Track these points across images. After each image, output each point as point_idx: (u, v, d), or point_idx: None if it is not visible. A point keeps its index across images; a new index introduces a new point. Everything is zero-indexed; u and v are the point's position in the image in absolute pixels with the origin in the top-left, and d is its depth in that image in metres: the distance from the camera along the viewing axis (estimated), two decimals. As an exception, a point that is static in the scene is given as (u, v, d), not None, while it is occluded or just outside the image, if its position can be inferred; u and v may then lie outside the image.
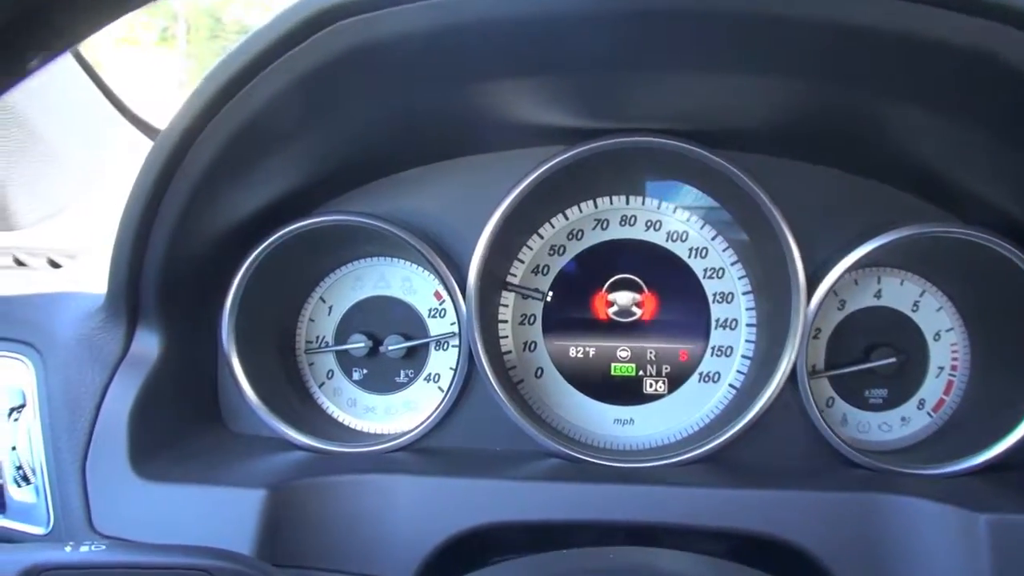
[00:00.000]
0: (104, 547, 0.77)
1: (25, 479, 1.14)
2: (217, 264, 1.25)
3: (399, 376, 1.43)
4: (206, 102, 0.95)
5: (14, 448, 1.14)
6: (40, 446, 1.14)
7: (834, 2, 0.83)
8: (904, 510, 1.10)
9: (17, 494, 1.15)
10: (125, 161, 1.69)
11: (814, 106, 1.10)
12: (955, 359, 1.37)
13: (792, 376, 1.26)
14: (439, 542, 1.11)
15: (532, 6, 0.88)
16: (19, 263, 1.52)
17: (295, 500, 1.12)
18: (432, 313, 1.42)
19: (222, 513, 1.10)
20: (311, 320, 1.44)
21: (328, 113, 1.06)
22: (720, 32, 0.91)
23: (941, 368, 1.38)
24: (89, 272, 1.31)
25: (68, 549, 0.75)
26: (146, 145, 1.77)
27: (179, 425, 1.25)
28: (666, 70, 1.04)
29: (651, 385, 1.41)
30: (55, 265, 1.50)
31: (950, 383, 1.38)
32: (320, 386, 1.45)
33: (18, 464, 1.13)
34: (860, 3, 0.83)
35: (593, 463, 1.26)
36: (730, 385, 1.39)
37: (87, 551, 0.75)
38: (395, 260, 1.42)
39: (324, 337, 1.44)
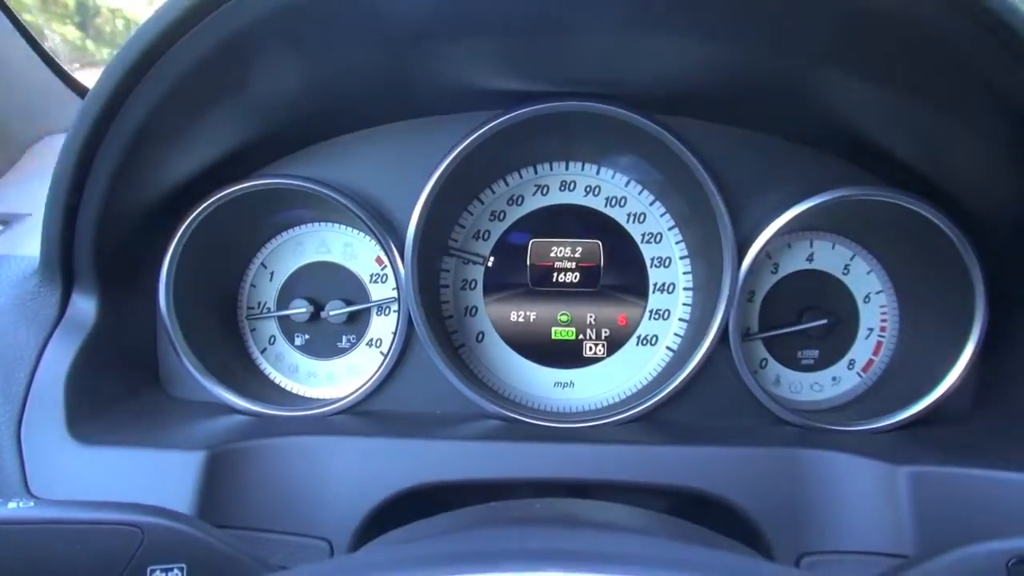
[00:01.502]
0: (33, 503, 0.76)
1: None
2: (154, 228, 1.24)
3: (341, 341, 1.44)
4: (134, 62, 0.93)
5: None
6: (-29, 410, 1.13)
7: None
8: (829, 464, 1.14)
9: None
10: (63, 127, 1.66)
11: (745, 71, 1.11)
12: (884, 321, 1.42)
13: (724, 338, 1.29)
14: (378, 502, 1.12)
15: None
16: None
17: (234, 463, 1.12)
18: (373, 278, 1.42)
19: (160, 476, 1.10)
20: (252, 286, 1.44)
21: (259, 75, 1.05)
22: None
23: (871, 329, 1.42)
24: (25, 237, 1.30)
25: (9, 507, 0.74)
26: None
27: (117, 389, 1.24)
28: (600, 32, 1.04)
29: (591, 349, 1.44)
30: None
31: (879, 344, 1.42)
32: (262, 352, 1.45)
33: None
34: None
35: (533, 424, 1.28)
36: (667, 348, 1.42)
37: (15, 507, 0.75)
38: (336, 226, 1.42)
39: (266, 303, 1.44)
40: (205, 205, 1.26)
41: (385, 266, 1.41)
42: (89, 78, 1.85)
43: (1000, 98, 0.94)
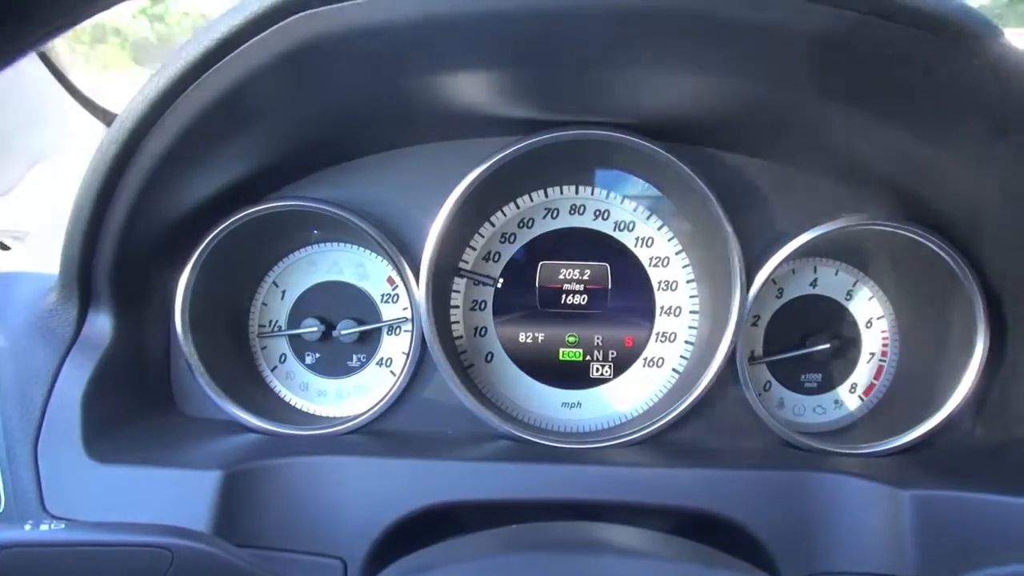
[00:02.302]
0: (64, 525, 0.78)
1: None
2: (171, 248, 1.26)
3: (351, 360, 1.45)
4: (163, 90, 0.96)
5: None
6: (-10, 428, 1.14)
7: (756, 4, 0.88)
8: (834, 487, 1.16)
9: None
10: (75, 143, 1.68)
11: (748, 103, 1.15)
12: (885, 345, 1.44)
13: (731, 361, 1.32)
14: (390, 522, 1.14)
15: (491, 4, 0.91)
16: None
17: (249, 482, 1.14)
18: (385, 298, 1.44)
19: (176, 495, 1.12)
20: (264, 304, 1.45)
21: (284, 103, 1.08)
22: (659, 32, 0.95)
23: (872, 354, 1.45)
24: (39, 254, 1.31)
25: (27, 528, 0.76)
26: (95, 127, 1.76)
27: (132, 408, 1.26)
28: (615, 68, 1.07)
29: (598, 370, 1.46)
30: (3, 247, 1.48)
31: (880, 368, 1.45)
32: (273, 370, 1.46)
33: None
34: (780, 8, 0.88)
35: (541, 444, 1.30)
36: (673, 370, 1.44)
37: (47, 530, 0.76)
38: (348, 246, 1.44)
39: (277, 321, 1.45)
40: (223, 227, 1.28)
41: (396, 286, 1.43)
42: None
43: (986, 121, 0.97)
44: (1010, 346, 1.28)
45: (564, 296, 1.44)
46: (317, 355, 1.46)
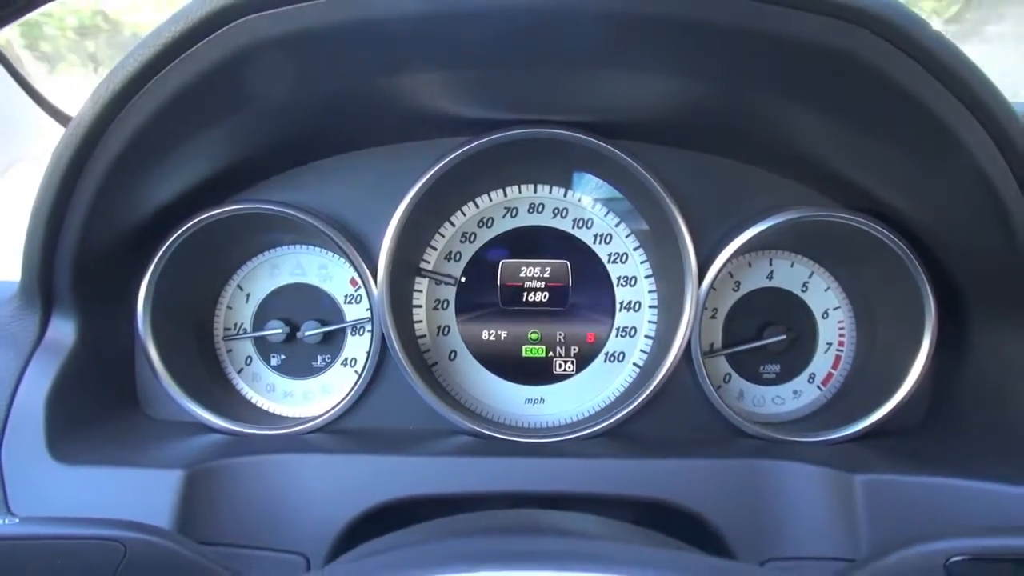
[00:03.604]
0: (18, 520, 0.79)
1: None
2: (132, 251, 1.27)
3: (316, 361, 1.47)
4: (115, 93, 0.98)
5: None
6: (-45, 432, 1.15)
7: (699, 3, 0.90)
8: (788, 474, 1.19)
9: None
10: (39, 150, 1.69)
11: (703, 102, 1.18)
12: (842, 335, 1.47)
13: (688, 354, 1.35)
14: (352, 517, 1.16)
15: (436, 4, 0.93)
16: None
17: (211, 481, 1.15)
18: (348, 299, 1.46)
19: (139, 494, 1.13)
20: (229, 307, 1.47)
21: (238, 105, 1.10)
22: (609, 34, 0.98)
23: (829, 344, 1.48)
24: (4, 262, 1.32)
25: None
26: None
27: (96, 410, 1.27)
28: (564, 68, 1.10)
29: (560, 366, 1.48)
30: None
31: (837, 358, 1.47)
32: (239, 372, 1.48)
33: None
34: (726, 6, 0.91)
35: (502, 440, 1.32)
36: (634, 364, 1.46)
37: (14, 524, 0.77)
38: (311, 248, 1.45)
39: (242, 324, 1.47)
40: (183, 229, 1.29)
41: (359, 287, 1.45)
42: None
43: (930, 123, 1.00)
44: (956, 338, 1.31)
45: (525, 294, 1.47)
46: (282, 357, 1.47)
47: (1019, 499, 1.09)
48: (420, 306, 1.45)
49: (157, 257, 1.30)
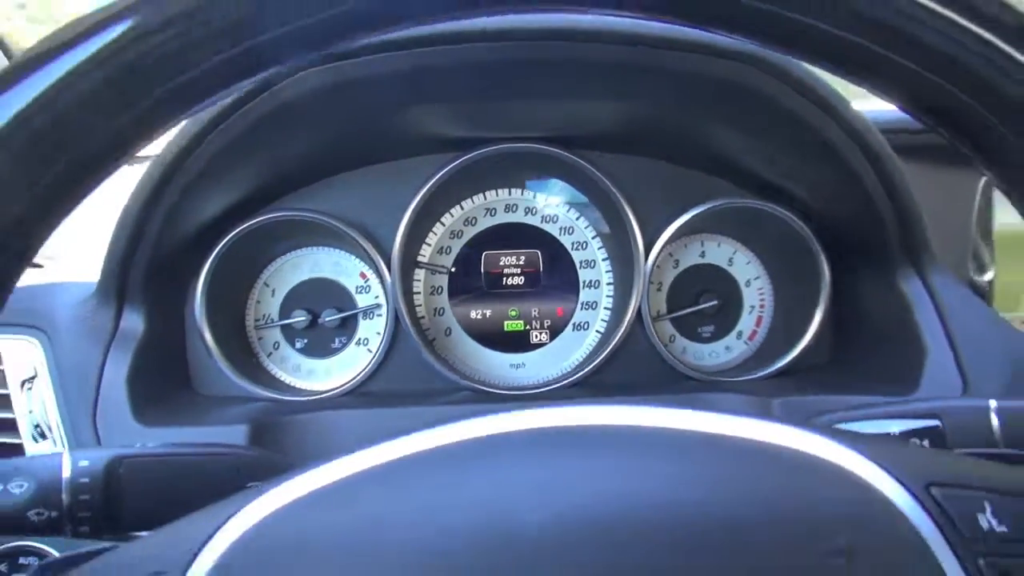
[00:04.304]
0: (170, 444, 1.06)
1: (42, 435, 1.41)
2: (190, 254, 1.54)
3: (334, 343, 1.76)
4: (199, 130, 1.27)
5: (31, 412, 1.42)
6: (54, 408, 1.40)
7: (619, 50, 1.25)
8: (721, 402, 1.50)
9: (34, 448, 1.42)
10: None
11: (643, 119, 1.50)
12: (762, 300, 1.81)
13: (640, 320, 1.68)
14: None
15: (437, 59, 1.25)
16: None
17: (266, 434, 1.43)
18: (359, 290, 1.75)
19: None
20: (258, 301, 1.75)
21: (290, 136, 1.40)
22: (569, 73, 1.31)
23: (752, 307, 1.81)
24: (73, 268, 1.59)
25: (138, 446, 1.04)
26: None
27: (163, 387, 1.53)
28: (533, 98, 1.44)
29: (536, 336, 1.79)
30: (36, 266, 1.74)
31: (759, 318, 1.81)
32: (268, 356, 1.76)
33: (36, 424, 1.41)
34: (650, 53, 1.25)
35: (494, 393, 1.63)
36: (596, 331, 1.78)
37: (154, 446, 1.05)
38: (326, 248, 1.74)
39: (269, 315, 1.75)
40: (232, 235, 1.58)
41: (368, 279, 1.75)
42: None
43: (806, 130, 1.36)
44: (847, 291, 1.67)
45: (505, 279, 1.78)
46: (305, 340, 1.76)
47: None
48: (419, 292, 1.76)
49: (211, 258, 1.58)
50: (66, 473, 0.93)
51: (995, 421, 0.95)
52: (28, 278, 1.57)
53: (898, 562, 0.56)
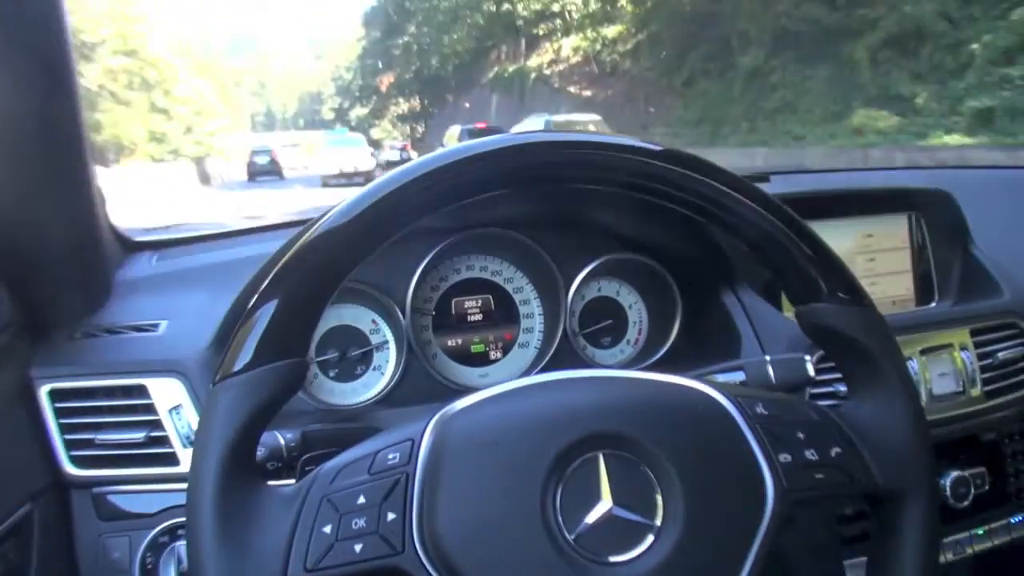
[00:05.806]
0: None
1: (191, 442, 2.07)
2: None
3: (357, 371, 2.45)
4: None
5: (180, 430, 2.08)
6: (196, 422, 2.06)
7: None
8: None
9: (184, 452, 2.07)
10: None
11: (555, 208, 2.38)
12: (641, 317, 2.67)
13: (565, 336, 2.50)
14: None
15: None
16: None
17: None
18: (371, 331, 2.50)
19: None
20: (302, 345, 2.46)
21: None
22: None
23: (635, 323, 2.62)
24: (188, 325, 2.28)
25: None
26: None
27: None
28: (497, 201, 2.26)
29: (493, 355, 2.52)
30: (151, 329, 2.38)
31: (640, 329, 2.64)
32: (310, 384, 2.48)
33: (187, 433, 2.07)
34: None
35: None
36: (535, 347, 2.56)
37: (319, 426, 1.78)
38: (346, 304, 2.48)
39: (310, 354, 2.47)
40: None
41: (378, 324, 2.50)
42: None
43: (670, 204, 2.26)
44: (693, 307, 2.57)
45: (469, 316, 2.51)
46: (336, 370, 2.48)
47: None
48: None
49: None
50: (281, 441, 1.67)
51: (771, 370, 1.85)
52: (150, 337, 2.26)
53: (715, 434, 1.25)
